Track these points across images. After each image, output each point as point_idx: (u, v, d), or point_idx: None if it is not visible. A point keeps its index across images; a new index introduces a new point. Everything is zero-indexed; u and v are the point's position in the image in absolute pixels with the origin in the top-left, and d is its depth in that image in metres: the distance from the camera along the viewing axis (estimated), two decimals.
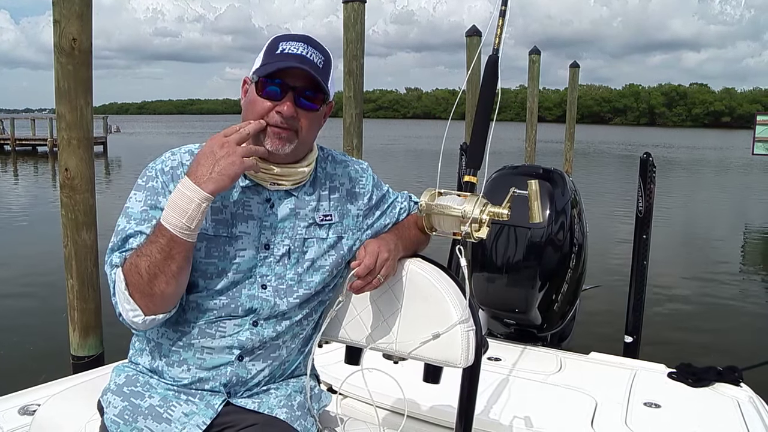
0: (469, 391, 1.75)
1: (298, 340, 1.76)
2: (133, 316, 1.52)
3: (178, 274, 1.51)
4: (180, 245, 1.47)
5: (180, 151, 1.69)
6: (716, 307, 7.96)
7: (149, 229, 1.56)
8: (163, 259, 1.47)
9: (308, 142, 1.67)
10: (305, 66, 1.56)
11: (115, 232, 1.61)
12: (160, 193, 1.61)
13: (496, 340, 3.37)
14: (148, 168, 1.66)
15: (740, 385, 2.82)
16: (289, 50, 1.58)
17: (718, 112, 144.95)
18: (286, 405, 1.71)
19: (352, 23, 8.27)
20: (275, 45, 1.61)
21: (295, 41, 1.60)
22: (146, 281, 1.49)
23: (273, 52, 1.59)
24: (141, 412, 1.62)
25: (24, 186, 21.63)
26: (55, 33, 4.80)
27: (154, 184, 1.63)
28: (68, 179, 4.99)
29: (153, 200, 1.61)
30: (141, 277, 1.49)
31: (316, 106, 1.62)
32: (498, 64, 1.96)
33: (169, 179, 1.62)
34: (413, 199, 1.95)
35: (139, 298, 1.51)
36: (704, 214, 16.83)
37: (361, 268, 1.63)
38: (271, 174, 1.65)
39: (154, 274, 1.48)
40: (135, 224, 1.58)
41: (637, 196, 3.52)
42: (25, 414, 2.26)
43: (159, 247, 1.47)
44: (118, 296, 1.53)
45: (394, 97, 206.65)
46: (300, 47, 1.59)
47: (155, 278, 1.48)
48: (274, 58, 1.58)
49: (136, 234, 1.57)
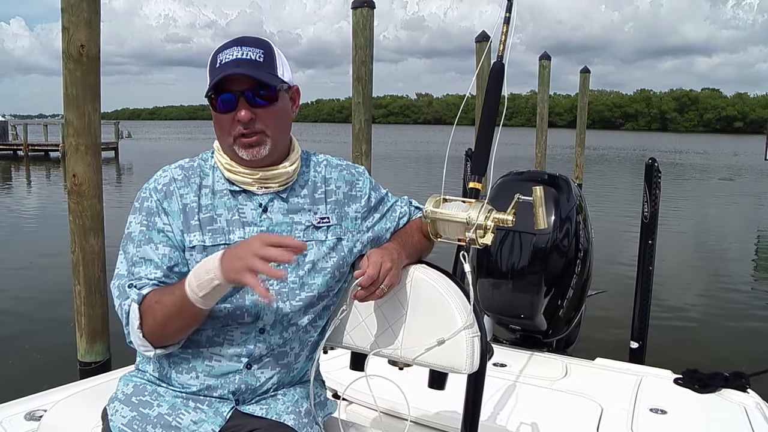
0: (474, 397, 1.76)
1: (306, 346, 1.77)
2: (144, 351, 1.58)
3: (188, 327, 1.57)
4: (190, 307, 1.50)
5: (171, 168, 1.73)
6: (723, 313, 7.89)
7: (151, 249, 1.61)
8: (175, 314, 1.51)
9: (281, 137, 1.70)
10: (241, 69, 1.57)
11: (122, 258, 1.65)
12: (155, 213, 1.65)
13: (502, 346, 3.36)
14: (143, 189, 1.70)
15: (747, 391, 2.80)
16: (225, 59, 1.60)
17: (730, 117, 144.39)
18: (294, 411, 1.72)
19: (361, 29, 8.26)
20: (214, 60, 1.62)
21: (229, 47, 1.62)
22: (159, 326, 1.53)
23: (214, 67, 1.61)
24: (150, 421, 1.62)
25: (36, 191, 21.76)
26: (63, 40, 4.82)
27: (149, 204, 1.66)
28: (76, 185, 4.99)
29: (148, 221, 1.65)
30: (155, 321, 1.53)
31: (269, 102, 1.62)
32: (504, 70, 1.96)
33: (163, 197, 1.66)
34: (414, 204, 1.96)
35: (150, 338, 1.55)
36: (715, 221, 16.70)
37: (364, 279, 1.63)
38: (256, 179, 1.67)
39: (167, 324, 1.53)
40: (137, 250, 1.62)
41: (642, 201, 3.51)
42: (31, 420, 2.27)
43: (173, 300, 1.51)
44: (131, 330, 1.56)
45: (404, 102, 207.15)
46: (234, 51, 1.60)
47: (167, 327, 1.54)
48: (214, 72, 1.60)
49: (140, 262, 1.61)
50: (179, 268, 1.62)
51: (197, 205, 1.66)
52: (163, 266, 1.61)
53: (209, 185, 1.69)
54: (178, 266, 1.62)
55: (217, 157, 1.72)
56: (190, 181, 1.68)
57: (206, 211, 1.66)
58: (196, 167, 1.72)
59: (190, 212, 1.65)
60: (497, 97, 1.96)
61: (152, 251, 1.61)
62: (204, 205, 1.66)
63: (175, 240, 1.63)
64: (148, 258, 1.61)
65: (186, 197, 1.66)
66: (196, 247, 1.62)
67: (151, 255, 1.61)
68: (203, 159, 1.75)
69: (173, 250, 1.62)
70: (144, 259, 1.61)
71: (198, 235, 1.63)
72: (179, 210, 1.65)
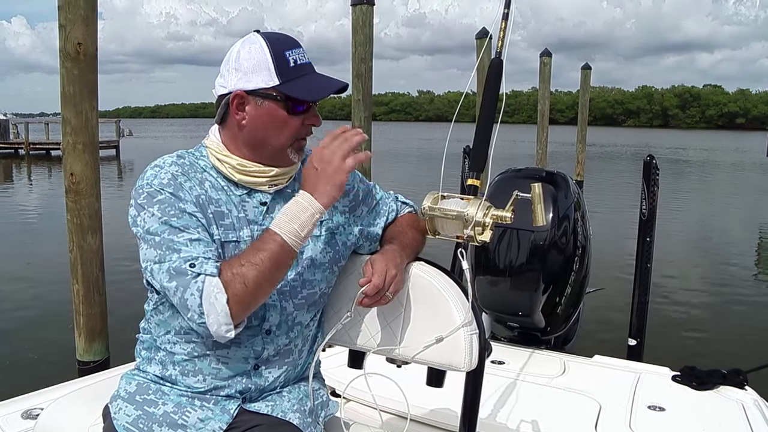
0: (473, 395, 1.75)
1: (308, 341, 1.78)
2: (226, 331, 1.44)
3: (278, 281, 1.53)
4: (289, 253, 1.48)
5: (165, 164, 1.60)
6: (722, 310, 7.90)
7: (190, 234, 1.49)
8: (272, 267, 1.45)
9: None
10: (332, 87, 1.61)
11: (154, 251, 1.49)
12: (177, 200, 1.53)
13: (500, 344, 3.36)
14: (144, 186, 1.55)
15: (745, 388, 2.80)
16: (300, 60, 1.59)
17: (732, 113, 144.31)
18: (299, 410, 1.72)
19: (360, 26, 8.26)
20: (281, 55, 1.56)
21: (295, 47, 1.59)
22: (251, 291, 1.44)
23: (287, 66, 1.56)
24: (155, 419, 1.62)
25: (36, 189, 21.77)
26: (60, 38, 4.78)
27: (163, 196, 1.53)
28: (74, 183, 4.97)
29: (174, 210, 1.52)
30: (246, 287, 1.43)
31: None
32: (502, 66, 1.95)
33: (177, 188, 1.55)
34: (400, 199, 1.96)
35: (237, 311, 1.43)
36: (716, 217, 16.70)
37: (369, 288, 1.59)
38: (269, 176, 1.65)
39: (260, 285, 1.46)
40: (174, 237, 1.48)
41: (640, 198, 3.51)
42: (28, 418, 2.27)
43: (269, 255, 1.45)
44: (212, 309, 1.42)
45: (406, 100, 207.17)
46: (303, 54, 1.60)
47: (260, 288, 1.47)
48: (293, 72, 1.57)
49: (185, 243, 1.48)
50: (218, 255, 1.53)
51: (206, 197, 1.58)
52: (213, 246, 1.51)
53: (210, 181, 1.64)
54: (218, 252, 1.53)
55: (218, 157, 1.64)
56: (191, 175, 1.60)
57: (217, 205, 1.60)
58: (189, 163, 1.64)
59: (203, 205, 1.57)
60: (496, 93, 1.95)
61: (193, 232, 1.50)
62: (213, 198, 1.60)
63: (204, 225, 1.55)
64: (194, 238, 1.49)
65: (194, 189, 1.57)
66: (215, 241, 1.55)
67: (195, 236, 1.49)
68: (195, 156, 1.66)
69: (209, 236, 1.54)
70: (190, 240, 1.48)
71: (214, 228, 1.56)
72: (194, 201, 1.55)
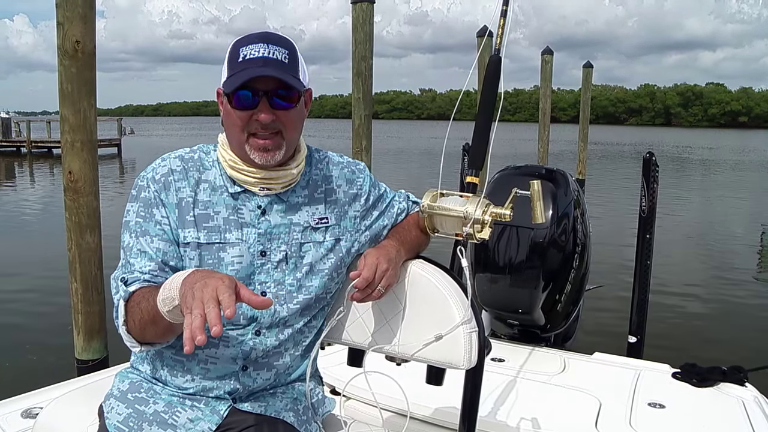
0: (473, 393, 1.75)
1: (301, 347, 1.76)
2: (130, 346, 1.55)
3: (163, 335, 1.50)
4: (161, 319, 1.40)
5: (170, 157, 1.67)
6: (722, 307, 7.87)
7: (146, 242, 1.57)
8: (149, 321, 1.45)
9: (294, 139, 1.65)
10: (269, 70, 1.52)
11: (122, 247, 1.62)
12: (153, 204, 1.61)
13: (500, 341, 3.36)
14: (140, 177, 1.65)
15: (745, 385, 2.79)
16: (250, 55, 1.54)
17: (734, 111, 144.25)
18: (293, 409, 1.72)
19: (360, 24, 8.22)
20: (236, 52, 1.56)
21: (255, 43, 1.55)
22: (138, 329, 1.49)
23: (235, 61, 1.55)
24: (146, 418, 1.61)
25: (38, 188, 21.74)
26: (58, 35, 4.76)
27: (146, 194, 1.62)
28: (72, 182, 4.95)
29: (145, 212, 1.61)
30: (134, 324, 1.49)
31: (292, 104, 1.58)
32: (500, 63, 1.95)
33: (161, 188, 1.62)
34: (411, 198, 1.94)
35: (134, 337, 1.52)
36: (718, 215, 16.65)
37: (359, 281, 1.60)
38: (259, 178, 1.63)
39: (144, 329, 1.48)
40: (134, 241, 1.59)
41: (640, 195, 3.50)
42: (27, 417, 2.27)
43: (148, 308, 1.44)
44: (118, 324, 1.53)
45: (408, 98, 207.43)
46: (260, 48, 1.54)
47: (145, 331, 1.49)
48: (237, 67, 1.54)
49: (136, 253, 1.58)
50: (174, 262, 1.59)
51: (193, 200, 1.61)
52: (157, 260, 1.57)
53: (209, 180, 1.64)
54: (172, 261, 1.59)
55: (220, 152, 1.67)
56: (188, 174, 1.63)
57: (203, 207, 1.61)
58: (196, 159, 1.67)
59: (185, 207, 1.61)
60: (494, 91, 1.96)
61: (147, 244, 1.58)
62: (201, 200, 1.62)
63: (171, 234, 1.60)
64: (143, 250, 1.57)
65: (182, 191, 1.62)
66: (190, 244, 1.59)
67: (146, 247, 1.57)
68: (204, 152, 1.70)
69: (168, 244, 1.59)
70: (140, 251, 1.57)
71: (193, 232, 1.59)
72: (175, 204, 1.61)
